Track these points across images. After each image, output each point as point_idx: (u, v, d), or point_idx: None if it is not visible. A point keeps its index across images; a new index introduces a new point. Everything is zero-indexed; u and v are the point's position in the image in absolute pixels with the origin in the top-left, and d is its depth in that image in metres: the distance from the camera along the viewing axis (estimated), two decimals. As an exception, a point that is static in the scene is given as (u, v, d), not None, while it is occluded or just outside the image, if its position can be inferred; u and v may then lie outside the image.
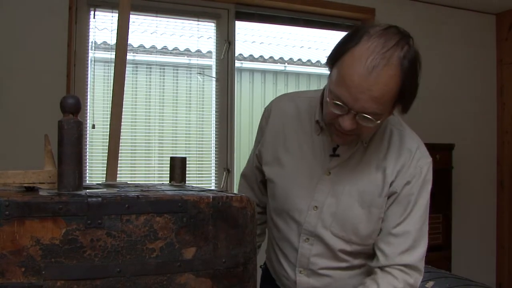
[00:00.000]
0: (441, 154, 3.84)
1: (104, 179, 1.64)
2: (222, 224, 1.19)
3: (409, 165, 1.48)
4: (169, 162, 1.42)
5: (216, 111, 3.73)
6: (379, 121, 1.34)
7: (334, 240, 1.51)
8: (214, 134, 3.71)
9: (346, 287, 1.55)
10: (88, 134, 3.42)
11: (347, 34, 1.38)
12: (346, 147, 1.49)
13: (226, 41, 3.75)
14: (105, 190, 1.21)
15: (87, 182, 3.22)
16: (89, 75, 3.45)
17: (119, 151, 1.68)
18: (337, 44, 1.38)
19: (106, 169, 1.65)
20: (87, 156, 3.43)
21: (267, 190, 1.68)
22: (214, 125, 3.72)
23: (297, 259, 1.56)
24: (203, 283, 1.18)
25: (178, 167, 1.41)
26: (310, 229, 1.52)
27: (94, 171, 3.47)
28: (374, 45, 1.28)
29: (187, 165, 1.43)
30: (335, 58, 1.35)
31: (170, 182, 1.41)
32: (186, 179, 1.42)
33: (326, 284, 1.55)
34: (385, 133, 1.52)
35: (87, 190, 1.18)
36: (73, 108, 1.14)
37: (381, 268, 1.48)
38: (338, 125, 1.37)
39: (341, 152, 1.50)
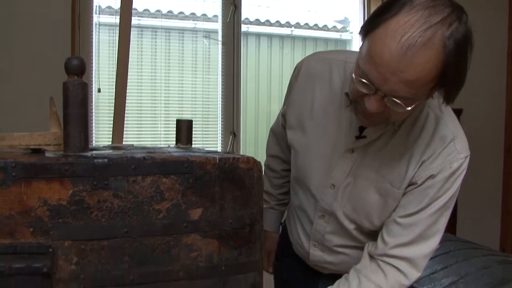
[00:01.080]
0: (448, 119, 3.79)
1: (110, 143, 1.64)
2: (229, 185, 1.19)
3: (437, 156, 1.31)
4: (175, 125, 1.41)
5: (222, 75, 3.70)
6: (410, 108, 1.17)
7: (347, 221, 1.45)
8: (220, 98, 3.70)
9: None
10: (94, 99, 3.41)
11: (387, 1, 1.17)
12: (374, 128, 1.35)
13: (232, 4, 3.71)
14: (111, 151, 1.21)
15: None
16: (94, 40, 3.42)
17: (125, 114, 1.68)
18: (373, 12, 1.19)
19: (112, 133, 1.65)
20: (93, 120, 3.43)
21: (290, 153, 1.59)
22: (220, 89, 3.70)
23: (312, 233, 1.52)
24: (209, 244, 1.18)
25: (184, 129, 1.40)
26: (325, 207, 1.46)
27: (101, 136, 3.47)
28: (414, 18, 1.08)
29: (193, 129, 1.42)
30: (368, 29, 1.17)
31: (176, 144, 1.40)
32: (192, 142, 1.41)
33: (341, 260, 1.52)
34: (420, 117, 1.35)
35: (93, 152, 1.17)
36: (77, 69, 1.13)
37: (375, 258, 1.38)
38: (363, 105, 1.22)
39: (368, 133, 1.36)
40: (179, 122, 1.40)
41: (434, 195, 1.31)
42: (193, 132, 1.42)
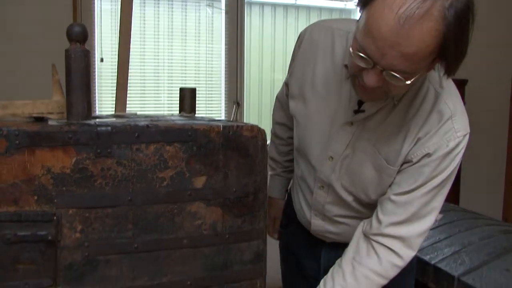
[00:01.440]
0: (453, 89, 3.76)
1: (113, 112, 1.64)
2: (233, 153, 1.18)
3: (433, 134, 1.28)
4: (178, 94, 1.40)
5: (225, 44, 3.68)
6: (409, 81, 1.13)
7: (345, 193, 1.44)
8: (224, 68, 3.67)
9: None
10: (96, 68, 3.39)
11: None
12: (373, 102, 1.31)
13: (235, -28, 3.67)
14: (114, 120, 1.20)
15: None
16: (96, 9, 3.39)
17: (128, 83, 1.67)
18: None
19: (115, 102, 1.64)
20: (96, 91, 3.42)
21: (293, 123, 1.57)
22: (224, 59, 3.68)
23: (312, 203, 1.52)
24: (213, 212, 1.19)
25: (187, 97, 1.39)
26: (323, 178, 1.45)
27: (104, 105, 3.46)
28: None
29: (196, 99, 1.41)
30: (366, 0, 1.11)
31: (179, 113, 1.39)
32: (196, 112, 1.40)
33: (342, 230, 1.51)
34: (420, 92, 1.31)
35: (97, 120, 1.17)
36: (80, 36, 1.12)
37: (369, 238, 1.37)
38: (362, 79, 1.18)
39: (367, 107, 1.33)
40: (182, 91, 1.39)
41: (429, 174, 1.29)
42: (197, 102, 1.41)
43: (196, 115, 1.40)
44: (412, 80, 1.14)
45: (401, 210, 1.32)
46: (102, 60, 3.37)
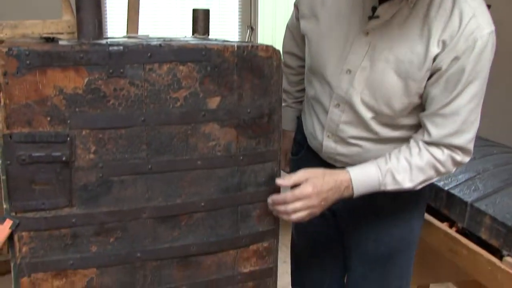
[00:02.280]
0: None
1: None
2: (247, 73, 1.16)
3: (459, 36, 1.23)
4: (191, 16, 1.36)
5: (239, -34, 3.57)
6: None
7: (364, 109, 1.40)
8: (238, -9, 3.59)
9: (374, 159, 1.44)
10: (107, -9, 3.32)
11: None
12: (387, 7, 1.27)
13: None
14: (126, 39, 1.18)
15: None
16: None
17: (139, 3, 1.63)
18: None
19: (127, 23, 1.61)
20: (106, 13, 3.35)
21: (305, 45, 1.54)
22: (238, -20, 3.58)
23: (326, 123, 1.48)
24: (227, 133, 1.18)
25: (201, 19, 1.35)
26: (341, 94, 1.41)
27: (115, 29, 3.41)
28: None
29: (209, 22, 1.37)
30: None
31: (193, 35, 1.36)
32: (210, 33, 1.37)
33: (353, 153, 1.48)
34: None
35: (108, 39, 1.14)
36: (89, -50, 1.08)
37: (426, 142, 1.35)
38: None
39: (381, 12, 1.28)
40: (195, 12, 1.35)
41: (465, 78, 1.26)
42: (210, 27, 1.37)
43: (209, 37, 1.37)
44: None
45: (450, 122, 1.31)
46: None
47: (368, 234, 1.54)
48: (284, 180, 1.28)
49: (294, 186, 1.27)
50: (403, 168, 1.34)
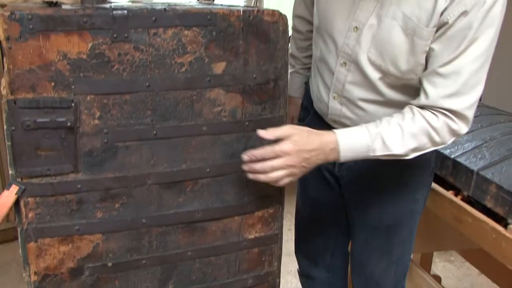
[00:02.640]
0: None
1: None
2: (253, 38, 1.15)
3: None
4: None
5: None
6: None
7: (371, 69, 1.36)
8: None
9: None
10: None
11: None
12: None
13: None
14: (130, 4, 1.16)
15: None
16: None
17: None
18: None
19: (131, -12, 1.58)
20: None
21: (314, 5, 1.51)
22: None
23: (332, 84, 1.45)
24: (233, 99, 1.17)
25: (205, -17, 1.34)
26: (348, 52, 1.38)
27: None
28: None
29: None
30: None
31: (198, 0, 1.35)
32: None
33: (359, 116, 1.45)
34: None
35: (112, 3, 1.13)
36: None
37: (421, 107, 1.30)
38: None
39: None
40: (200, -24, 1.34)
41: (471, 35, 1.21)
42: (215, -6, 1.35)
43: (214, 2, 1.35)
44: None
45: (450, 82, 1.25)
46: None
47: (372, 203, 1.54)
48: (267, 132, 1.18)
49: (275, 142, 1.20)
50: (394, 133, 1.28)
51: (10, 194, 1.08)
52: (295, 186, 1.82)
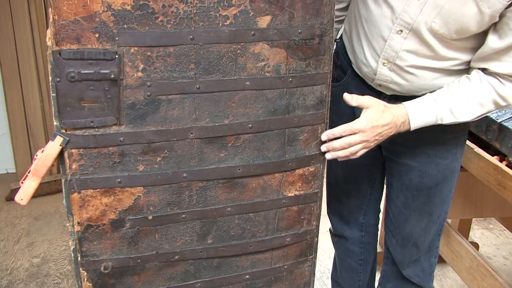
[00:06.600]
0: None
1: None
2: (299, -8, 1.12)
3: None
4: None
5: None
6: None
7: (431, 38, 1.31)
8: None
9: (426, 87, 1.40)
10: None
11: None
12: None
13: None
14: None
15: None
16: None
17: None
18: None
19: None
20: None
21: None
22: None
23: (383, 50, 1.39)
24: (277, 54, 1.15)
25: None
26: (407, 21, 1.31)
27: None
28: None
29: None
30: None
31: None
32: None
33: (408, 81, 1.40)
34: None
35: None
36: None
37: (489, 73, 1.31)
38: None
39: None
40: None
41: None
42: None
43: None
44: None
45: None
46: None
47: (413, 164, 1.51)
48: (352, 98, 1.29)
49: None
50: (462, 102, 1.31)
51: (55, 145, 1.10)
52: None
